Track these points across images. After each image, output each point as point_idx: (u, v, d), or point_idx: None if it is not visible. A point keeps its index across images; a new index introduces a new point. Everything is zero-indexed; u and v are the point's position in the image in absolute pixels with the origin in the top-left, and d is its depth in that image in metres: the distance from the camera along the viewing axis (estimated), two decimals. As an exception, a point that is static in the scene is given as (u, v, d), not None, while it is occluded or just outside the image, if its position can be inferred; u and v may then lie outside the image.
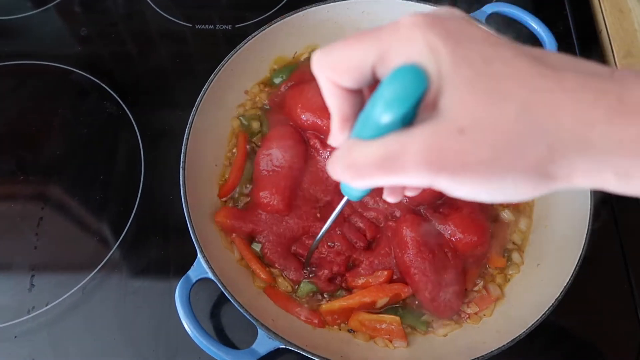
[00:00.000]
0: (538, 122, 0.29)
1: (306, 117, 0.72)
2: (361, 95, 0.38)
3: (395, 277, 0.68)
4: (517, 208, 0.74)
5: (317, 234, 0.67)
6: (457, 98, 0.30)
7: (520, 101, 0.30)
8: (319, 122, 0.72)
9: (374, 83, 0.36)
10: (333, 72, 0.36)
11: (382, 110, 0.32)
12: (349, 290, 0.69)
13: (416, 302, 0.68)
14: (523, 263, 0.71)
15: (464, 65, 0.30)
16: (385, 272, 0.67)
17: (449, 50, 0.31)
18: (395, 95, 0.31)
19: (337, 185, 0.70)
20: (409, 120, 0.33)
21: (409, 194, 0.47)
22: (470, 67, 0.30)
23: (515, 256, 0.71)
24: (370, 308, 0.67)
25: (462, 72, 0.30)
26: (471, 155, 0.30)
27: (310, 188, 0.71)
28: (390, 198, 0.47)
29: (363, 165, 0.34)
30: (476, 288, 0.69)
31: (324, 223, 0.61)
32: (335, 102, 0.38)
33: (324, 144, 0.72)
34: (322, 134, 0.73)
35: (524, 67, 0.30)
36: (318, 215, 0.71)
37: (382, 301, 0.66)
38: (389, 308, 0.68)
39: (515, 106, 0.29)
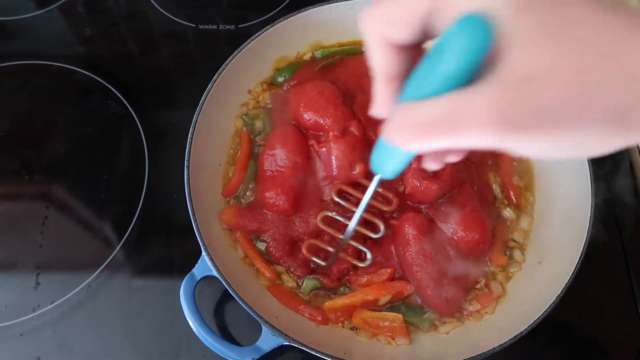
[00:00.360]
0: (622, 67, 0.28)
1: (309, 117, 0.73)
2: (409, 54, 0.36)
3: (397, 275, 0.69)
4: (518, 207, 0.75)
5: (321, 233, 0.68)
6: (525, 46, 0.28)
7: (599, 46, 0.28)
8: (321, 122, 0.72)
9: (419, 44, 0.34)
10: (384, 24, 0.34)
11: (449, 63, 0.30)
12: (352, 287, 0.69)
13: (419, 300, 0.68)
14: (525, 261, 0.71)
15: (532, 10, 0.28)
16: (389, 270, 0.68)
17: None
18: (463, 46, 0.29)
19: (338, 189, 0.71)
20: (471, 76, 0.30)
21: (452, 159, 0.43)
22: (539, 12, 0.28)
23: (517, 254, 0.72)
24: (373, 306, 0.68)
25: (530, 17, 0.28)
26: (544, 107, 0.28)
27: (314, 189, 0.72)
28: (431, 165, 0.43)
29: (423, 124, 0.31)
30: (478, 286, 0.70)
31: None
32: (382, 59, 0.35)
33: (325, 143, 0.73)
34: (325, 133, 0.73)
35: (598, 12, 0.28)
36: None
37: (384, 299, 0.67)
38: (392, 306, 0.69)
39: (595, 51, 0.28)
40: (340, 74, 0.80)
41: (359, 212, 0.57)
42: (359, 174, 0.69)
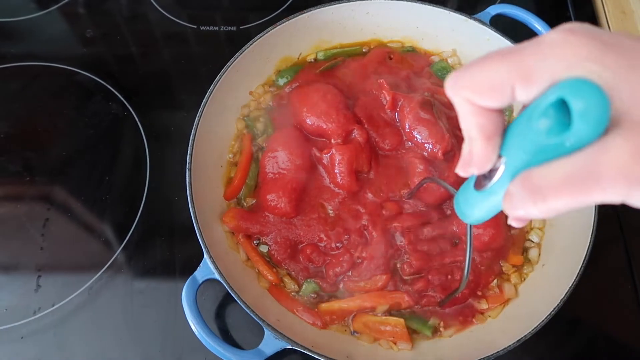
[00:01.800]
0: None
1: (311, 121, 0.73)
2: (502, 114, 0.36)
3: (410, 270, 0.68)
4: None
5: (325, 239, 0.68)
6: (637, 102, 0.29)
7: None
8: (324, 126, 0.72)
9: None
10: (472, 93, 0.34)
11: (580, 128, 0.30)
12: (351, 292, 0.69)
13: (422, 308, 0.68)
14: (539, 261, 0.71)
15: (632, 70, 0.30)
16: (383, 277, 0.67)
17: (612, 58, 0.30)
18: (590, 111, 0.29)
19: (342, 196, 0.71)
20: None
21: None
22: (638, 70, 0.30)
23: (532, 253, 0.71)
24: (370, 312, 0.67)
25: (633, 75, 0.30)
26: None
27: (316, 196, 0.71)
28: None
29: (549, 187, 0.32)
30: (494, 283, 0.69)
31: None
32: (476, 121, 0.36)
33: (327, 149, 0.72)
34: (327, 138, 0.73)
35: None
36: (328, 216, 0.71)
37: (382, 307, 0.67)
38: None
39: None
40: (343, 75, 0.80)
41: (467, 264, 0.56)
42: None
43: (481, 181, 0.40)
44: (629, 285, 0.73)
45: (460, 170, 0.39)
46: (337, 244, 0.69)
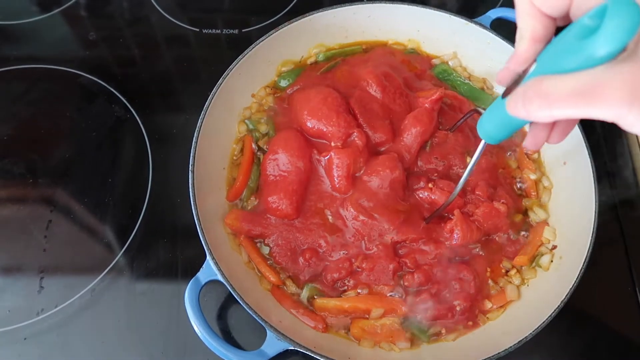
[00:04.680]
0: None
1: (312, 124, 0.73)
2: (552, 23, 0.41)
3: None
4: (543, 206, 0.75)
5: (324, 246, 0.68)
6: None
7: None
8: (324, 129, 0.72)
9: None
10: None
11: (602, 43, 0.33)
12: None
13: (419, 316, 0.67)
14: (549, 269, 0.70)
15: None
16: (386, 288, 0.68)
17: None
18: (619, 28, 0.32)
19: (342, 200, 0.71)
20: (612, 56, 0.34)
21: (553, 141, 0.49)
22: None
23: (544, 259, 0.70)
24: (364, 315, 0.67)
25: None
26: None
27: (316, 200, 0.72)
28: (531, 146, 0.49)
29: (557, 95, 0.36)
30: (500, 284, 0.70)
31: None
32: (530, 22, 0.41)
33: (326, 152, 0.72)
34: (327, 140, 0.74)
35: None
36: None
37: (376, 311, 0.67)
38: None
39: None
40: (341, 76, 0.80)
41: (466, 173, 0.61)
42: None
43: (511, 88, 0.43)
44: (629, 287, 0.74)
45: (508, 64, 0.44)
46: (336, 254, 0.69)
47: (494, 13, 0.80)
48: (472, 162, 0.58)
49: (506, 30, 0.79)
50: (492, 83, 0.83)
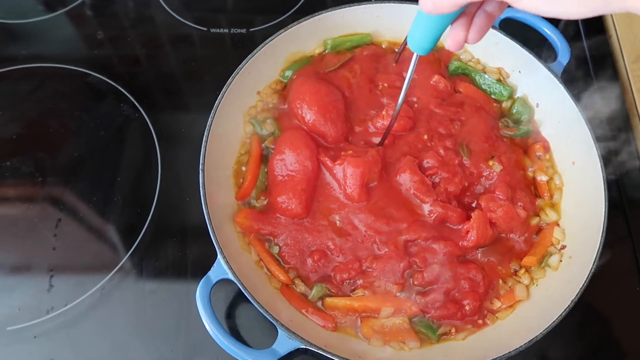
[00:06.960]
0: None
1: (309, 118, 0.74)
2: None
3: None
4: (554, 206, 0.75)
5: (332, 247, 0.69)
6: None
7: None
8: (322, 129, 0.74)
9: None
10: None
11: None
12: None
13: (428, 316, 0.68)
14: (557, 269, 0.70)
15: None
16: (395, 287, 0.68)
17: None
18: None
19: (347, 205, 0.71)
20: None
21: (471, 40, 0.55)
22: None
23: (553, 259, 0.71)
24: (374, 314, 0.68)
25: None
26: None
27: (325, 202, 0.72)
28: (453, 46, 0.55)
29: None
30: (509, 284, 0.70)
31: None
32: None
33: (333, 158, 0.73)
34: (322, 138, 0.75)
35: None
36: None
37: (386, 310, 0.67)
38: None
39: None
40: (348, 74, 0.80)
41: (405, 87, 0.65)
42: None
43: None
44: (637, 287, 0.74)
45: None
46: (344, 256, 0.70)
47: (503, 13, 0.80)
48: (408, 76, 0.63)
49: (515, 29, 0.79)
50: (507, 72, 0.83)
